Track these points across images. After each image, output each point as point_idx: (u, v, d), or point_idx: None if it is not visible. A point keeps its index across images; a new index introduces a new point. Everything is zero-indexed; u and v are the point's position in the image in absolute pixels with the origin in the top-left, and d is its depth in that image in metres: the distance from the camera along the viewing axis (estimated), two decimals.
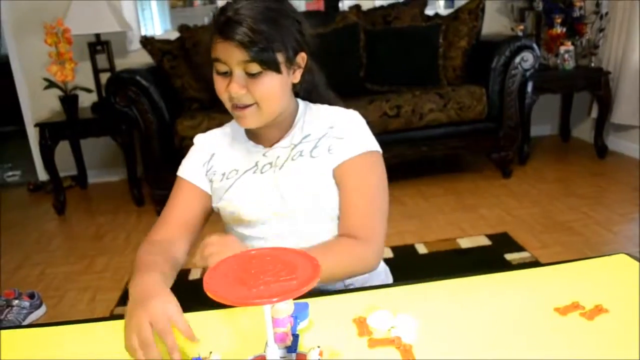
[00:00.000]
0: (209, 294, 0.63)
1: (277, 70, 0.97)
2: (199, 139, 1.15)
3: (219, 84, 0.99)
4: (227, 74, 0.97)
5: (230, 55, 0.94)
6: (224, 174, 1.09)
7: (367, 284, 1.09)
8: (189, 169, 1.12)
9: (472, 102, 3.16)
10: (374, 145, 1.07)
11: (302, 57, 1.03)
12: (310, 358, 0.65)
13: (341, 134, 1.06)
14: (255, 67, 0.95)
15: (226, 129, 1.15)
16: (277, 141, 1.08)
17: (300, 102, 1.12)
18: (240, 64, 0.95)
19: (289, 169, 1.06)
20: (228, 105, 1.01)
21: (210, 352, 0.64)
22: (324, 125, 1.07)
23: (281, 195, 1.04)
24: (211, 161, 1.11)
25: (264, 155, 1.08)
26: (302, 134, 1.08)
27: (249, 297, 0.61)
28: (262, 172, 1.07)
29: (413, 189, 3.24)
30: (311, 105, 1.13)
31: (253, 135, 1.10)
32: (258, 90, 0.97)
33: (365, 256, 1.02)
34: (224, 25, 0.94)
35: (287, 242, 1.03)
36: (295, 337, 0.76)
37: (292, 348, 0.74)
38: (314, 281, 0.63)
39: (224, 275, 0.66)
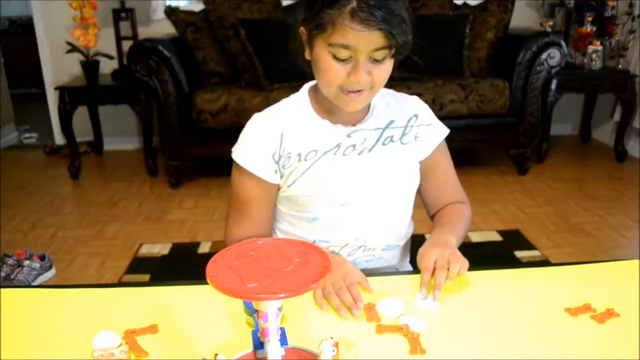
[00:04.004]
0: (211, 284, 0.58)
1: (406, 53, 0.92)
2: (262, 120, 1.03)
3: (338, 70, 0.90)
4: (347, 60, 0.89)
5: (366, 43, 0.86)
6: (299, 155, 1.00)
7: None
8: (254, 159, 1.01)
9: (494, 95, 3.12)
10: None
11: None
12: (323, 349, 0.61)
13: (428, 120, 1.09)
14: (385, 54, 0.88)
15: (288, 105, 1.05)
16: (359, 121, 1.02)
17: None
18: (372, 51, 0.87)
19: (380, 154, 1.02)
20: (333, 90, 0.93)
21: (216, 355, 0.61)
22: (406, 113, 1.07)
23: (369, 179, 1.01)
24: (282, 144, 1.00)
25: (348, 136, 1.01)
26: (385, 118, 1.04)
27: (253, 292, 0.57)
28: (344, 155, 1.01)
29: None
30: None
31: (329, 113, 1.02)
32: (379, 75, 0.91)
33: (470, 215, 1.14)
34: (360, 10, 0.84)
35: (362, 228, 1.04)
36: (282, 330, 0.71)
37: (282, 341, 0.69)
38: (322, 279, 0.59)
39: (228, 266, 0.62)
